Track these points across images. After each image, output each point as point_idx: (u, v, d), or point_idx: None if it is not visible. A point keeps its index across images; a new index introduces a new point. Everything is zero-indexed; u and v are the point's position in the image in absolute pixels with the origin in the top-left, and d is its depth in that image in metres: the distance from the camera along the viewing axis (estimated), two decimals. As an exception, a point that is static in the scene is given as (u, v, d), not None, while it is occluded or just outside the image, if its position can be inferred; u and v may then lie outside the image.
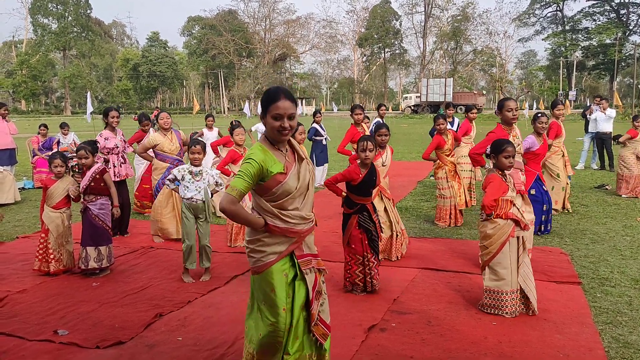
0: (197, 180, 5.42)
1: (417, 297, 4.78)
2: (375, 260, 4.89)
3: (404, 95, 68.02)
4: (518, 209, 4.36)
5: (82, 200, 5.55)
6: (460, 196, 7.52)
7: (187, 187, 5.39)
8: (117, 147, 7.13)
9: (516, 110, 5.46)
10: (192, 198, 5.38)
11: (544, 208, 6.75)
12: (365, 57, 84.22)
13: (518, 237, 4.31)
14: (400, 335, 3.98)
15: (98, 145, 6.23)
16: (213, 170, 5.71)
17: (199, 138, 10.15)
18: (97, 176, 5.55)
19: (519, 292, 4.30)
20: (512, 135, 5.43)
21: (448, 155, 7.49)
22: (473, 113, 9.22)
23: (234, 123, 8.73)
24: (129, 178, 7.35)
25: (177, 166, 6.77)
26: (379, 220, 5.05)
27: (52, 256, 5.52)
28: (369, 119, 9.84)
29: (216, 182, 5.58)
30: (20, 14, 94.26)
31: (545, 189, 6.81)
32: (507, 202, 4.27)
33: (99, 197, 5.57)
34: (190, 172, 5.42)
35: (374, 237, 4.88)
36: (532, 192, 6.56)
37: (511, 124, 5.49)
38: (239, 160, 6.57)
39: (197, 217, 5.43)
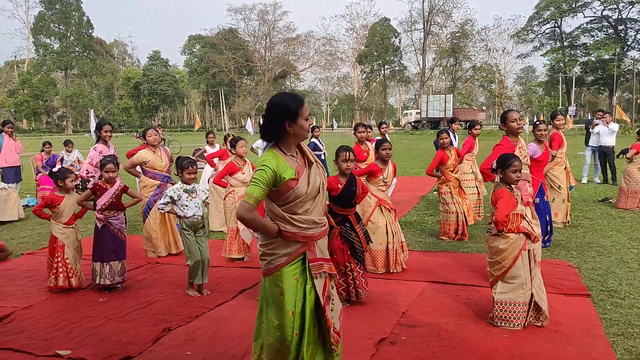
0: (194, 197, 5.43)
1: (425, 310, 4.76)
2: (361, 269, 4.89)
3: (404, 112, 68.23)
4: (528, 222, 4.35)
5: (102, 215, 5.51)
6: (468, 211, 7.52)
7: (187, 206, 5.37)
8: None
9: (520, 120, 5.54)
10: (193, 215, 5.39)
11: (547, 218, 6.73)
12: (365, 74, 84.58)
13: (529, 250, 4.29)
14: (411, 349, 3.95)
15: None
16: (202, 185, 5.72)
17: (203, 154, 10.18)
18: (119, 193, 5.58)
19: (529, 304, 4.28)
20: (519, 146, 5.47)
21: (452, 171, 7.50)
22: (477, 129, 9.13)
23: (230, 136, 8.75)
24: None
25: (166, 183, 6.84)
26: (364, 231, 5.05)
27: (72, 272, 5.51)
28: (371, 129, 9.86)
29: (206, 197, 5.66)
30: (22, 34, 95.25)
31: (547, 199, 6.82)
32: (517, 216, 4.25)
33: (119, 212, 5.60)
34: (186, 191, 5.41)
35: (357, 247, 4.88)
36: (537, 200, 6.57)
37: (517, 134, 5.54)
38: (236, 172, 6.60)
39: (196, 232, 5.43)
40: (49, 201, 5.62)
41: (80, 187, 11.15)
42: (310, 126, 2.89)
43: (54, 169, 5.88)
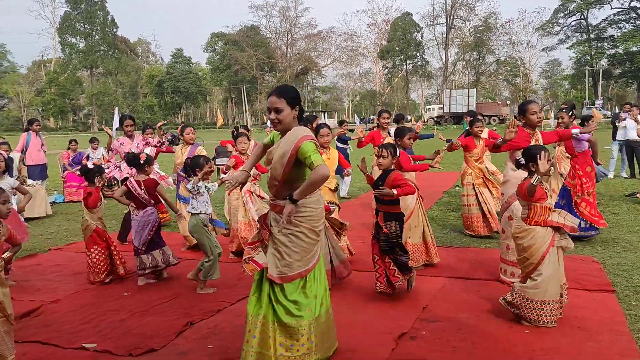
0: (205, 195, 5.40)
1: (446, 305, 4.74)
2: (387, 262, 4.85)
3: (427, 107, 67.70)
4: (558, 215, 4.21)
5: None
6: (495, 203, 7.34)
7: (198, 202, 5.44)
8: (131, 151, 7.38)
9: (540, 113, 5.35)
10: (201, 212, 5.38)
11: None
12: (387, 70, 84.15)
13: (558, 247, 4.21)
14: (431, 344, 3.95)
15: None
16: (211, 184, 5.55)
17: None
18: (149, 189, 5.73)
19: (559, 302, 4.21)
20: (535, 138, 5.34)
21: (477, 161, 7.44)
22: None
23: (238, 129, 8.79)
24: None
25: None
26: (391, 232, 4.97)
27: (118, 261, 5.78)
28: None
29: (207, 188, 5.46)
30: (49, 34, 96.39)
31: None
32: (544, 208, 4.17)
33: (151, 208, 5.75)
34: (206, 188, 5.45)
35: (384, 247, 4.86)
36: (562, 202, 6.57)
37: (535, 127, 5.40)
38: (240, 165, 6.56)
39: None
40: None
41: (107, 184, 11.34)
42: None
43: (89, 165, 5.97)
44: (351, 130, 11.97)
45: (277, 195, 3.53)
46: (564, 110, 7.33)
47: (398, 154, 5.08)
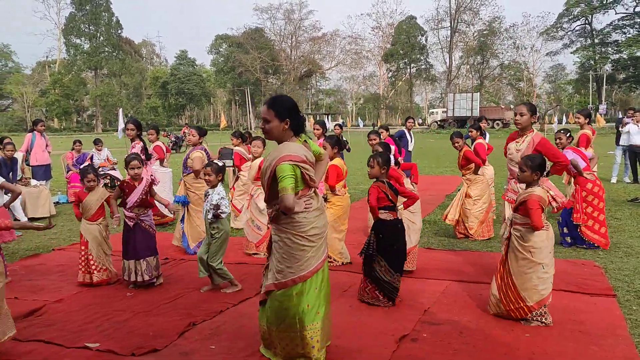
0: (204, 201, 5.44)
1: (448, 308, 4.76)
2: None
3: (431, 111, 67.67)
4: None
5: (133, 214, 5.58)
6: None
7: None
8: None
9: (520, 115, 5.28)
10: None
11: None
12: (390, 73, 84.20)
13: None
14: (432, 346, 3.97)
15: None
16: (221, 193, 5.38)
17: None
18: (148, 189, 5.68)
19: None
20: (517, 140, 5.38)
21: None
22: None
23: (250, 134, 8.84)
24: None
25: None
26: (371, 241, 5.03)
27: (94, 267, 5.64)
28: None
29: (217, 205, 5.26)
30: (53, 35, 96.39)
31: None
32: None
33: (148, 209, 5.70)
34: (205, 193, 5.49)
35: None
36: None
37: (520, 129, 5.38)
38: (243, 163, 7.22)
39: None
40: (76, 198, 5.79)
41: (110, 184, 11.38)
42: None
43: (82, 167, 6.03)
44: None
45: (269, 204, 3.62)
46: (562, 132, 7.35)
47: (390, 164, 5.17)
